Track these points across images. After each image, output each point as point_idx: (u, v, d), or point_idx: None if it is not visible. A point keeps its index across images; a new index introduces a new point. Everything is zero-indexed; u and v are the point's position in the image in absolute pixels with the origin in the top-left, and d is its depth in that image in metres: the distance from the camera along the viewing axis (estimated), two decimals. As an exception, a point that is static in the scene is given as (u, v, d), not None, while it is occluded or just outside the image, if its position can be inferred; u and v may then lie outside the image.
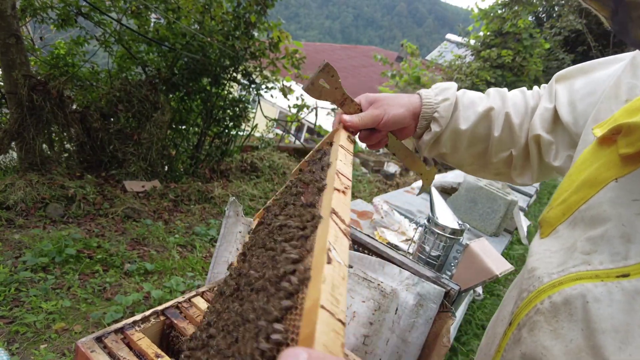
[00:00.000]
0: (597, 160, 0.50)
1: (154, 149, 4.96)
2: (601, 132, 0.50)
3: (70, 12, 4.95)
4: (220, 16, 5.38)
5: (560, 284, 0.45)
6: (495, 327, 0.59)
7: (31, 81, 4.23)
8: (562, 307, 0.44)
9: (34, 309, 2.48)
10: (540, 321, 0.46)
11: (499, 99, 0.84)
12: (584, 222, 0.48)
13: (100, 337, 0.99)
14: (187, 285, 3.10)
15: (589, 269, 0.44)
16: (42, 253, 2.98)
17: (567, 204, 0.51)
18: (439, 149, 0.88)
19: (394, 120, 0.83)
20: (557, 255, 0.49)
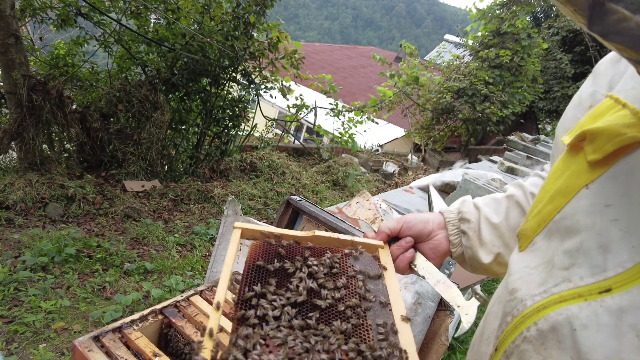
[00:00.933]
0: (568, 169, 0.50)
1: (154, 149, 4.96)
2: (569, 138, 0.50)
3: (70, 13, 4.95)
4: (220, 16, 5.38)
5: (545, 308, 0.44)
6: (480, 344, 0.58)
7: (30, 81, 4.23)
8: (549, 334, 0.43)
9: (33, 308, 2.48)
10: (529, 350, 0.44)
11: (517, 188, 0.86)
12: (559, 233, 0.48)
13: (97, 336, 1.00)
14: (186, 284, 3.10)
15: (570, 287, 0.43)
16: (42, 252, 2.98)
17: (541, 215, 0.51)
18: (491, 249, 0.83)
19: (414, 222, 0.84)
20: (537, 272, 0.48)
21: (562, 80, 13.09)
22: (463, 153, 11.53)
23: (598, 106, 0.51)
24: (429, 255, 0.85)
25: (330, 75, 7.95)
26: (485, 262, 0.83)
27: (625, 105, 0.46)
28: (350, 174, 7.04)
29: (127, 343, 1.02)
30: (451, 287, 0.82)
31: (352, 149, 8.41)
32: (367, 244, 0.85)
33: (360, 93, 14.88)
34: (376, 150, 10.67)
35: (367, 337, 0.67)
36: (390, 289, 0.77)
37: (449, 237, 0.85)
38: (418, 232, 0.85)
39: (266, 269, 0.73)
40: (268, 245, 0.78)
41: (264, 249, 0.77)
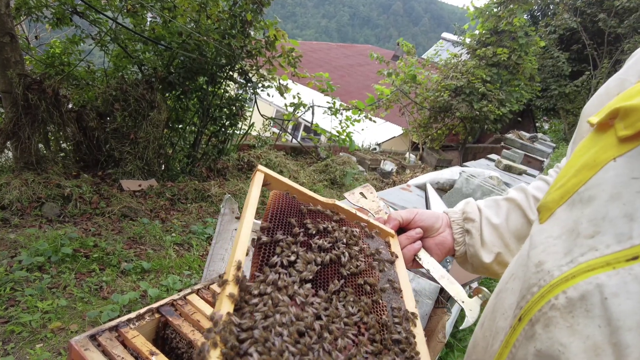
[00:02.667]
0: (595, 145, 0.50)
1: (151, 148, 4.94)
2: (597, 118, 0.50)
3: (66, 11, 4.93)
4: (217, 15, 5.36)
5: (573, 277, 0.44)
6: (495, 320, 0.58)
7: (26, 80, 4.21)
8: (578, 302, 0.43)
9: (29, 308, 2.47)
10: (556, 317, 0.45)
11: (519, 191, 0.88)
12: (582, 203, 0.48)
13: (94, 335, 0.99)
14: (184, 283, 3.09)
15: (597, 255, 0.43)
16: (38, 252, 2.97)
17: (565, 187, 0.51)
18: (492, 249, 0.85)
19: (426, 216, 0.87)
20: (560, 242, 0.48)
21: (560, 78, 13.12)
22: (461, 151, 11.55)
23: (629, 90, 0.51)
24: (434, 250, 0.87)
25: (328, 74, 7.94)
26: (486, 262, 0.85)
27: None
28: (348, 173, 7.04)
29: (123, 342, 1.01)
30: (455, 283, 0.84)
31: (350, 148, 8.41)
32: (381, 229, 0.85)
33: (357, 92, 14.88)
34: (374, 148, 10.67)
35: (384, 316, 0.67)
36: (401, 278, 0.77)
37: (454, 235, 0.87)
38: (430, 225, 0.87)
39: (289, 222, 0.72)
40: (290, 199, 0.77)
41: (286, 200, 0.76)
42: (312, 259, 0.69)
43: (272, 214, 0.73)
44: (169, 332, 1.14)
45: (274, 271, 0.63)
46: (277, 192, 0.79)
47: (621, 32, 11.93)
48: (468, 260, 0.88)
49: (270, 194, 0.79)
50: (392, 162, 9.07)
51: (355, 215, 0.85)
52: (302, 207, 0.78)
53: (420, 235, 0.87)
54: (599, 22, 12.24)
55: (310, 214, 0.78)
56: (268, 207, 0.75)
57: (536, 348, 0.46)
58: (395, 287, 0.74)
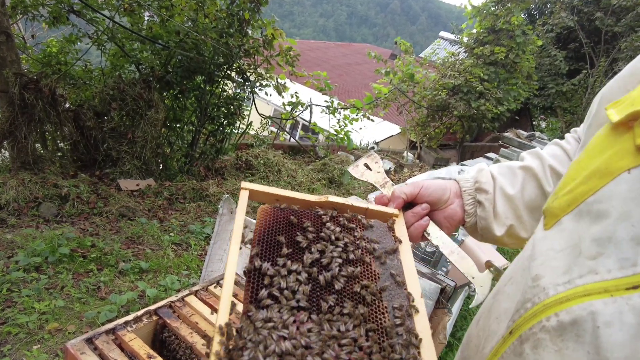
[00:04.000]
0: (610, 148, 0.46)
1: (148, 148, 4.92)
2: (617, 115, 0.46)
3: (62, 10, 4.89)
4: (214, 14, 5.34)
5: (568, 300, 0.43)
6: (489, 321, 0.57)
7: (22, 79, 4.18)
8: (569, 327, 0.41)
9: (26, 309, 2.45)
10: (545, 339, 0.43)
11: (535, 157, 0.84)
12: (589, 216, 0.45)
13: (90, 338, 0.98)
14: (182, 283, 3.08)
15: (596, 279, 0.41)
16: (35, 253, 2.95)
17: (573, 194, 0.48)
18: (504, 222, 0.80)
19: (432, 189, 0.82)
20: (561, 257, 0.46)
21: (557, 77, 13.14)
22: (458, 150, 11.56)
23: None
24: (443, 223, 0.83)
25: (326, 73, 7.93)
26: (497, 234, 0.81)
27: None
28: (346, 172, 7.03)
29: (121, 345, 1.00)
30: (466, 258, 0.81)
31: (348, 147, 8.40)
32: (382, 212, 0.82)
33: (355, 90, 14.86)
34: (372, 147, 10.66)
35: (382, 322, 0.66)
36: (405, 265, 0.75)
37: (464, 206, 0.82)
38: (437, 199, 0.82)
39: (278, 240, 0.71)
40: (278, 211, 0.75)
41: (274, 215, 0.74)
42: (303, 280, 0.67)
43: (260, 236, 0.71)
44: (167, 334, 1.13)
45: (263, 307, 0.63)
46: (265, 208, 0.76)
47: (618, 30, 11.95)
48: (478, 232, 0.84)
49: (258, 211, 0.76)
50: (390, 161, 9.06)
51: (352, 207, 0.81)
52: (292, 217, 0.75)
53: (427, 210, 0.82)
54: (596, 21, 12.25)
55: (301, 222, 0.76)
56: (256, 229, 0.73)
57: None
58: (398, 280, 0.73)
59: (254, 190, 0.79)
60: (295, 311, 0.63)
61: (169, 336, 1.13)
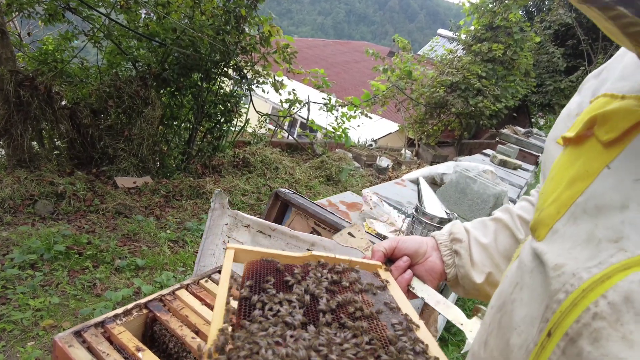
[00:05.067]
0: (578, 158, 0.48)
1: (145, 145, 4.91)
2: (572, 132, 0.49)
3: (58, 7, 4.87)
4: (211, 10, 5.32)
5: (609, 277, 0.39)
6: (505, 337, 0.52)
7: (18, 77, 4.16)
8: (624, 306, 0.38)
9: (21, 306, 2.45)
10: (605, 328, 0.38)
11: (504, 211, 0.88)
12: (587, 214, 0.45)
13: (79, 331, 0.97)
14: (178, 280, 3.08)
15: (629, 256, 0.39)
16: (31, 250, 2.95)
17: (560, 201, 0.49)
18: (482, 269, 0.83)
19: (410, 242, 0.86)
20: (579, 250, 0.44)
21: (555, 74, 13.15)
22: (456, 147, 11.56)
23: (595, 103, 0.50)
24: (425, 277, 0.85)
25: (323, 70, 7.91)
26: (477, 282, 0.83)
27: (624, 97, 0.46)
28: (343, 169, 7.03)
29: (109, 338, 1.00)
30: (452, 307, 0.83)
31: (346, 144, 8.39)
32: (366, 264, 0.84)
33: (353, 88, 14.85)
34: (370, 145, 10.66)
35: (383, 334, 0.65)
36: (398, 299, 0.76)
37: (443, 257, 0.85)
38: (414, 251, 0.85)
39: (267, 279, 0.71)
40: (265, 262, 0.77)
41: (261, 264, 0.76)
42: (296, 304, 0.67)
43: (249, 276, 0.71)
44: (158, 327, 1.12)
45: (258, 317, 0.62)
46: (252, 260, 0.78)
47: (616, 27, 11.97)
48: (459, 283, 0.86)
49: (244, 265, 0.77)
50: (388, 158, 9.06)
51: (336, 259, 0.83)
52: (279, 266, 0.76)
53: (408, 263, 0.85)
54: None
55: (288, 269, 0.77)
56: (243, 277, 0.73)
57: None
58: (392, 307, 0.72)
59: (239, 249, 0.80)
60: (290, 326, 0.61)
61: (160, 329, 1.12)
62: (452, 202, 2.30)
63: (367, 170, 8.26)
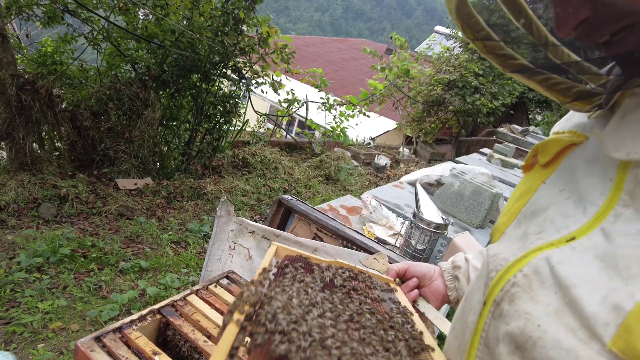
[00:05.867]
0: (527, 180, 0.65)
1: (146, 147, 4.96)
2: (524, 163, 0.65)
3: (57, 10, 4.90)
4: (209, 12, 5.36)
5: (525, 257, 0.54)
6: (464, 318, 0.65)
7: (19, 81, 4.20)
8: (533, 276, 0.51)
9: (30, 309, 2.50)
10: (519, 292, 0.52)
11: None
12: (527, 218, 0.60)
13: (99, 336, 1.04)
14: (181, 281, 3.14)
15: (543, 242, 0.53)
16: (37, 253, 3.00)
17: (510, 212, 0.64)
18: None
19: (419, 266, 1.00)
20: (513, 243, 0.59)
21: (551, 70, 13.20)
22: (454, 145, 11.62)
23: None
24: (430, 298, 0.98)
25: (321, 69, 7.96)
26: None
27: (563, 132, 0.62)
28: (342, 168, 7.09)
29: (127, 342, 1.06)
30: (446, 322, 0.94)
31: (344, 143, 8.44)
32: (380, 277, 0.97)
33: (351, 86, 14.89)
34: (368, 143, 10.71)
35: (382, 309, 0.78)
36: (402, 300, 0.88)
37: (446, 282, 0.98)
38: (422, 274, 0.99)
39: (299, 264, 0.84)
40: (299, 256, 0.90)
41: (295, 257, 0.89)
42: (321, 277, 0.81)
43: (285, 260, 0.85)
44: (171, 332, 1.19)
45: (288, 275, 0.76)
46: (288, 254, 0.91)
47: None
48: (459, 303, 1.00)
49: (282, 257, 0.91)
50: (386, 156, 9.12)
51: (354, 268, 0.95)
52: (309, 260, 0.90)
53: (416, 283, 0.97)
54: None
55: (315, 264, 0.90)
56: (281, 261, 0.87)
57: (506, 323, 0.52)
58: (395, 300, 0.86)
59: (280, 246, 0.94)
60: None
61: (173, 333, 1.18)
62: (449, 205, 2.37)
63: (366, 169, 8.32)
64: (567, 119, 0.66)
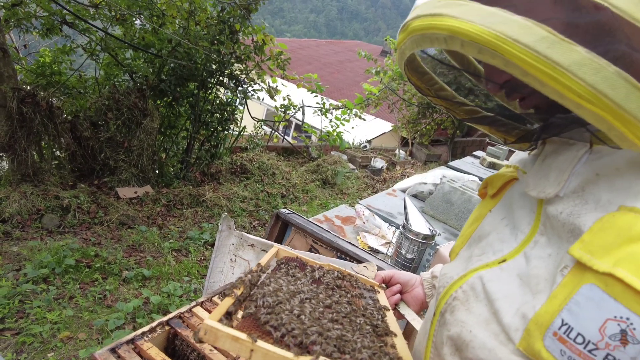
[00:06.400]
0: (481, 207, 0.77)
1: (145, 155, 5.05)
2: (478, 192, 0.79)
3: (55, 22, 4.99)
4: (205, 21, 5.45)
5: (465, 276, 0.65)
6: (425, 324, 0.78)
7: (20, 94, 4.28)
8: (470, 292, 0.62)
9: (38, 319, 2.59)
10: (458, 305, 0.63)
11: None
12: (475, 242, 0.71)
13: (114, 348, 1.14)
14: (184, 289, 3.23)
15: (480, 263, 0.64)
16: (42, 265, 3.08)
17: (464, 235, 0.76)
18: None
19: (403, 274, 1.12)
20: (459, 263, 0.71)
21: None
22: (449, 146, 11.74)
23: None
24: (411, 303, 1.09)
25: (317, 75, 8.05)
26: None
27: (509, 166, 0.74)
28: (339, 172, 7.19)
29: (139, 353, 1.15)
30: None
31: (341, 147, 8.55)
32: (365, 280, 1.09)
33: (347, 88, 14.99)
34: (364, 146, 10.82)
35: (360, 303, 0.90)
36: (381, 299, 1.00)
37: (425, 290, 1.09)
38: (405, 282, 1.10)
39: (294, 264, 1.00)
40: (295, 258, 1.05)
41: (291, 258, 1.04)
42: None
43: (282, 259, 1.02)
44: (179, 342, 1.28)
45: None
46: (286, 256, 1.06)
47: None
48: None
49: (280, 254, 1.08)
50: (383, 159, 9.23)
51: (344, 271, 1.07)
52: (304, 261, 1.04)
53: (399, 289, 1.09)
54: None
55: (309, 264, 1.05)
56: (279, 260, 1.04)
57: (447, 329, 0.65)
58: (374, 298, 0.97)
59: (281, 249, 1.09)
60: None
61: (180, 343, 1.28)
62: (439, 212, 2.47)
63: (362, 172, 8.42)
64: (517, 154, 0.77)
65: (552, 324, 0.48)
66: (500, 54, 0.44)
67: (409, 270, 1.62)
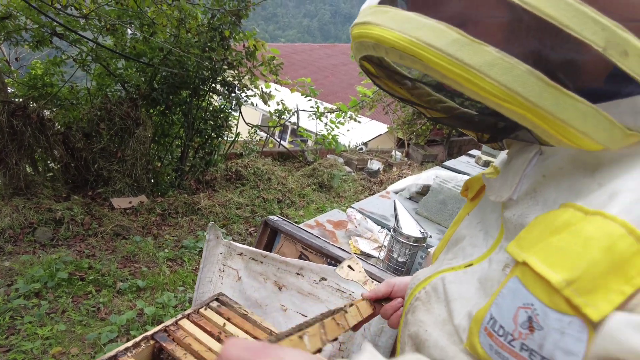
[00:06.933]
0: (461, 210, 0.76)
1: (139, 165, 5.02)
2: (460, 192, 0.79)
3: (45, 33, 4.97)
4: (196, 29, 5.44)
5: (430, 277, 0.66)
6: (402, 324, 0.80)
7: (10, 107, 4.26)
8: (432, 292, 0.63)
9: (29, 335, 2.55)
10: (419, 305, 0.65)
11: None
12: (453, 245, 0.71)
13: (96, 365, 1.10)
14: (178, 299, 3.19)
15: (448, 266, 0.64)
16: (34, 279, 3.04)
17: (445, 239, 0.76)
18: None
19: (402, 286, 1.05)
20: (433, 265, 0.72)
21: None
22: (445, 145, 11.74)
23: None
24: None
25: (310, 79, 8.04)
26: None
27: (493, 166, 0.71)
28: (335, 175, 7.16)
29: (122, 370, 1.12)
30: None
31: (337, 150, 8.53)
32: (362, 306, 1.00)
33: (342, 91, 15.00)
34: (360, 148, 10.80)
35: None
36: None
37: None
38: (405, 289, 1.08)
39: None
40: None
41: None
42: None
43: None
44: (164, 356, 1.25)
45: None
46: None
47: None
48: None
49: None
50: (379, 160, 9.21)
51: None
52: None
53: (401, 303, 1.03)
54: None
55: None
56: None
57: (408, 329, 0.66)
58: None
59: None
60: None
61: (166, 358, 1.25)
62: (433, 212, 2.44)
63: (359, 174, 8.39)
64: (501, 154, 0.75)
65: (483, 319, 0.49)
66: (419, 59, 0.44)
67: (401, 273, 1.59)
